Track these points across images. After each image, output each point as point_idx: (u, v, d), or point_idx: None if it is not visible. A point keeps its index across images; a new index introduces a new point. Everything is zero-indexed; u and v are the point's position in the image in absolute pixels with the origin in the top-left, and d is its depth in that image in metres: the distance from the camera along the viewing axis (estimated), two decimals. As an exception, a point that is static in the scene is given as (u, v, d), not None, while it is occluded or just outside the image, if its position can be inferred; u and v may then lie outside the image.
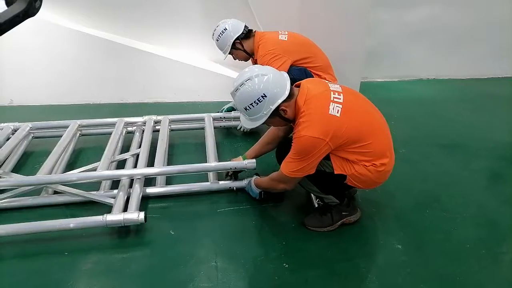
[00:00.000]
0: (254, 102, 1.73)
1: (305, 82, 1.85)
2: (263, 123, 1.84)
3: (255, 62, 2.85)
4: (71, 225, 1.88)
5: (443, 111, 3.75)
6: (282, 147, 2.10)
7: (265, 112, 1.76)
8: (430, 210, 2.23)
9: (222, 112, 3.18)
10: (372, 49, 4.12)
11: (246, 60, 2.92)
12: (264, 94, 1.72)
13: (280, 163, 2.13)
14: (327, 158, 1.80)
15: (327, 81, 1.94)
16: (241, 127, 3.06)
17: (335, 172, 1.81)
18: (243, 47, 2.78)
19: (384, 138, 1.87)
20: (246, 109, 1.78)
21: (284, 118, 1.81)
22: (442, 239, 2.00)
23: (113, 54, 3.67)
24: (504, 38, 4.58)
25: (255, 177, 2.22)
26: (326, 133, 1.68)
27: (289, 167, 1.80)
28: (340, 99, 1.75)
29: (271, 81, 1.73)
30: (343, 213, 2.04)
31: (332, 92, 1.78)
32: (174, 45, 3.87)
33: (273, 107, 1.74)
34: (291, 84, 1.81)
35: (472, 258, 1.88)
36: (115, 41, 3.64)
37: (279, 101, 1.73)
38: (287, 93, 1.74)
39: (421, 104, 3.92)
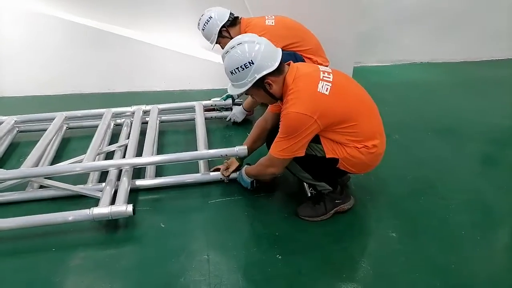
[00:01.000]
0: (240, 67, 1.71)
1: (295, 63, 1.85)
2: (246, 93, 1.84)
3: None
4: (56, 220, 1.82)
5: (437, 95, 3.70)
6: (273, 136, 2.06)
7: (249, 80, 1.73)
8: (424, 196, 2.20)
9: (221, 100, 3.09)
10: (365, 33, 4.03)
11: None
12: (251, 61, 1.69)
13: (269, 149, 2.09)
14: (318, 141, 1.78)
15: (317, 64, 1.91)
16: (230, 118, 2.99)
17: (327, 156, 1.78)
18: (230, 35, 2.70)
19: (374, 119, 1.86)
20: (231, 73, 1.76)
21: (269, 93, 1.78)
22: (437, 226, 1.98)
23: (99, 42, 3.56)
24: (498, 20, 4.51)
25: (245, 166, 2.17)
26: (314, 110, 1.66)
27: (277, 147, 1.77)
28: (329, 78, 1.75)
29: (261, 51, 1.71)
30: (336, 201, 2.01)
31: (321, 72, 1.77)
32: (163, 31, 3.75)
33: (258, 76, 1.71)
34: None
35: (467, 245, 1.86)
36: (101, 28, 3.52)
37: (265, 72, 1.71)
38: (275, 65, 1.71)
39: (414, 88, 3.87)
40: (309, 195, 2.13)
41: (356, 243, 1.88)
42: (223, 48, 2.80)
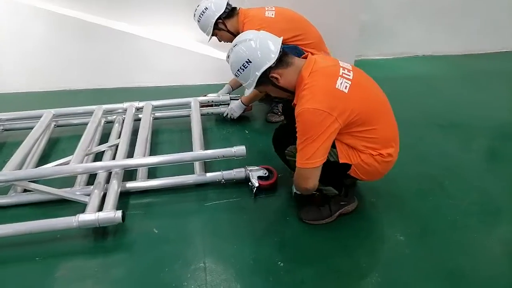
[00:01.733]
0: (240, 68, 1.68)
1: (313, 55, 1.73)
2: (260, 91, 1.85)
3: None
4: (38, 228, 1.69)
5: (440, 89, 3.58)
6: (280, 133, 1.96)
7: (252, 79, 1.68)
8: (432, 196, 2.09)
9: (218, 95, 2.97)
10: (366, 25, 3.90)
11: (231, 41, 2.70)
12: (248, 59, 1.65)
13: (276, 150, 1.96)
14: (333, 145, 1.64)
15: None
16: (227, 114, 2.86)
17: (340, 161, 1.66)
18: (226, 27, 2.56)
19: (391, 125, 1.75)
20: (236, 75, 1.74)
21: (280, 87, 1.69)
22: (447, 229, 1.87)
23: (88, 35, 3.40)
24: (499, 12, 4.38)
25: None
26: (332, 107, 1.52)
27: (302, 156, 1.58)
28: (349, 75, 1.63)
29: (257, 47, 1.65)
30: (341, 203, 1.90)
31: (341, 68, 1.65)
32: (156, 24, 3.60)
33: (259, 74, 1.65)
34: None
35: (481, 249, 1.75)
36: (90, 21, 3.37)
37: (264, 67, 1.63)
38: (274, 58, 1.62)
39: (417, 82, 3.74)
40: (314, 196, 2.00)
41: (363, 248, 1.76)
42: (219, 41, 2.71)
